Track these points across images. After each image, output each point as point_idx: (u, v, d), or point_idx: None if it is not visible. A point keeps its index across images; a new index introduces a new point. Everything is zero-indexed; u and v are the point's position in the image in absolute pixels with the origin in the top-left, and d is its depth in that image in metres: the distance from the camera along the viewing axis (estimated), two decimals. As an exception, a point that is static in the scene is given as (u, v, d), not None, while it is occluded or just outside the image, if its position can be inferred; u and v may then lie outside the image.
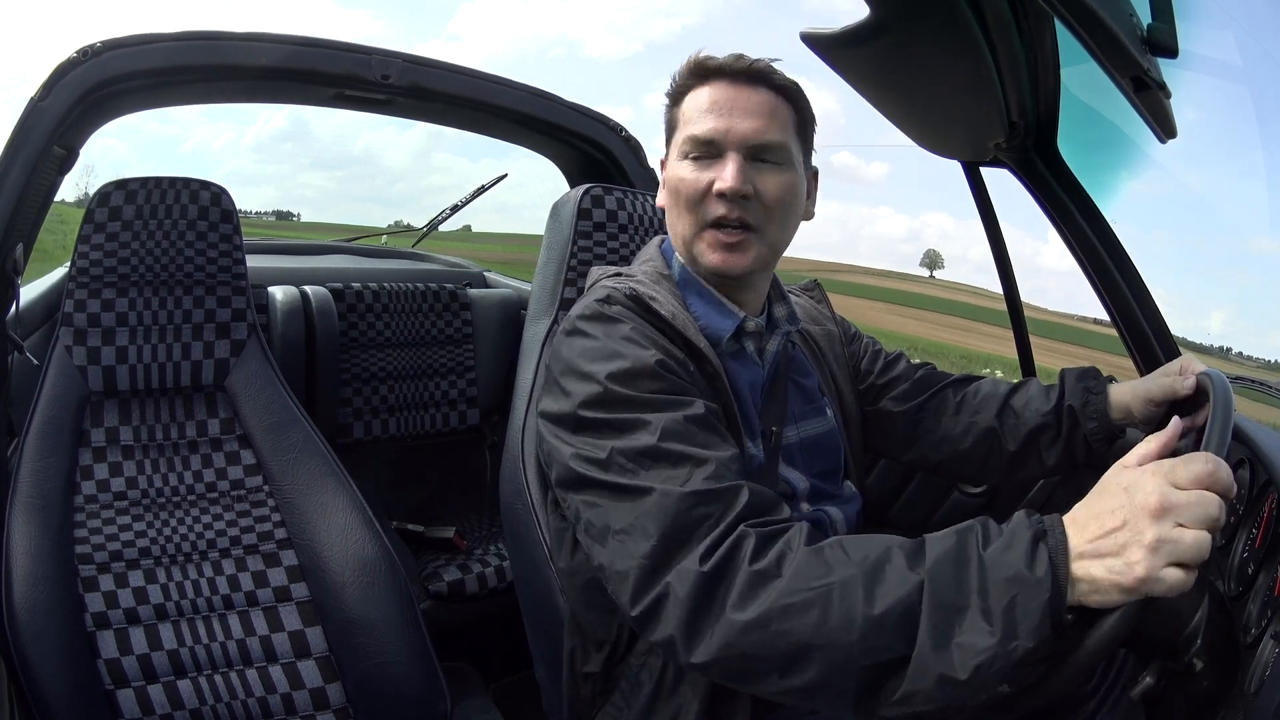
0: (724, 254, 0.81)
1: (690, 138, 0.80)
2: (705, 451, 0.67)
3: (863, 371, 1.04)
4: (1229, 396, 0.72)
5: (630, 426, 0.69)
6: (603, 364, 0.72)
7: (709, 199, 0.80)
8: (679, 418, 0.68)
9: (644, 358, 0.72)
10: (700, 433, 0.69)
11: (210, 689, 0.98)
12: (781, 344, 0.90)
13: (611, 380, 0.71)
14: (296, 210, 40.55)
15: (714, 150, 0.80)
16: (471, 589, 1.51)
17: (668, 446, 0.67)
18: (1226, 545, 0.81)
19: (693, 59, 0.83)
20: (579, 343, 0.76)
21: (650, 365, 0.72)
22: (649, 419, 0.68)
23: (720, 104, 0.80)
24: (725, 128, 0.79)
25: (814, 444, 0.91)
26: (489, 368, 1.85)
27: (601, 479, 0.68)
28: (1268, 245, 16.80)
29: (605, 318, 0.77)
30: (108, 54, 1.11)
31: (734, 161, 0.78)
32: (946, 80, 0.97)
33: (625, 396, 0.70)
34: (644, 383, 0.71)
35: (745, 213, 0.80)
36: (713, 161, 0.80)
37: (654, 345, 0.74)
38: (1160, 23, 0.69)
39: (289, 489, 1.12)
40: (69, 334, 1.09)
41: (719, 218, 0.80)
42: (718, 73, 0.82)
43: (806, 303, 1.05)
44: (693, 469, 0.65)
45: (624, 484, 0.67)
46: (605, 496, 0.68)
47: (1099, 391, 0.92)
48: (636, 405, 0.70)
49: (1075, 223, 1.08)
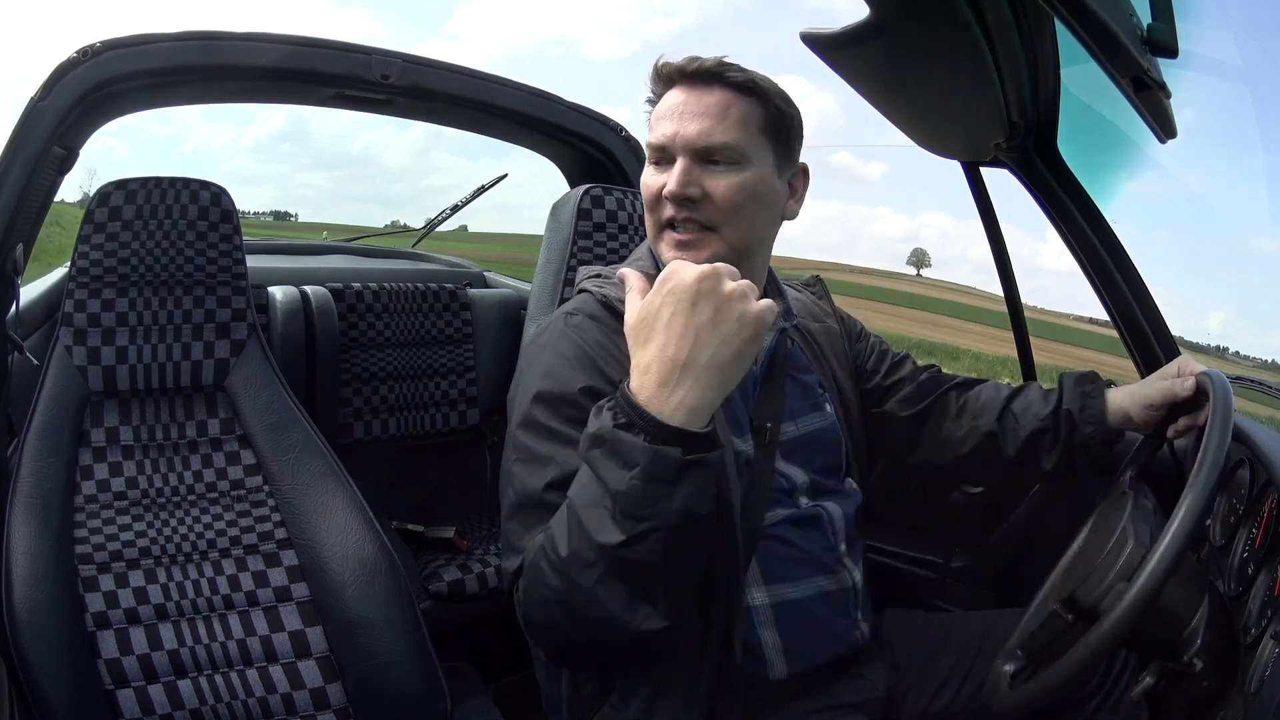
0: (679, 251, 0.83)
1: (648, 144, 0.84)
2: None
3: (868, 372, 1.04)
4: (1228, 396, 0.72)
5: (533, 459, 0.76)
6: (540, 382, 0.78)
7: (662, 202, 0.82)
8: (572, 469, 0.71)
9: (568, 381, 0.76)
10: None
11: (210, 689, 0.98)
12: (776, 339, 0.90)
13: (540, 402, 0.77)
14: (294, 210, 40.67)
15: (667, 155, 0.82)
16: (471, 589, 1.51)
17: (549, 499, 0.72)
18: (1226, 545, 0.81)
19: (654, 65, 0.85)
20: (533, 354, 0.83)
21: (573, 393, 0.76)
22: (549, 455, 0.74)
23: (673, 109, 0.82)
24: (673, 132, 0.81)
25: (814, 440, 0.91)
26: (489, 368, 1.85)
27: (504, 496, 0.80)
28: (1267, 245, 16.80)
29: (559, 331, 0.82)
30: (108, 54, 1.11)
31: (679, 165, 0.80)
32: (946, 80, 0.97)
33: (541, 425, 0.76)
34: (561, 409, 0.76)
35: (695, 214, 0.81)
36: (668, 166, 0.82)
37: (589, 369, 0.78)
38: (1160, 23, 0.69)
39: (289, 489, 1.12)
40: (69, 334, 1.09)
41: (669, 219, 0.82)
42: (673, 77, 0.84)
43: (807, 298, 1.04)
44: None
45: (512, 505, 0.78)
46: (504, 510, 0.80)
47: (1096, 396, 0.92)
48: (550, 438, 0.75)
49: (1075, 223, 1.08)
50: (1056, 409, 0.94)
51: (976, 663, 0.92)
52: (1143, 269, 1.08)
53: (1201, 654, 0.66)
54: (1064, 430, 0.93)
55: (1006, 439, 0.97)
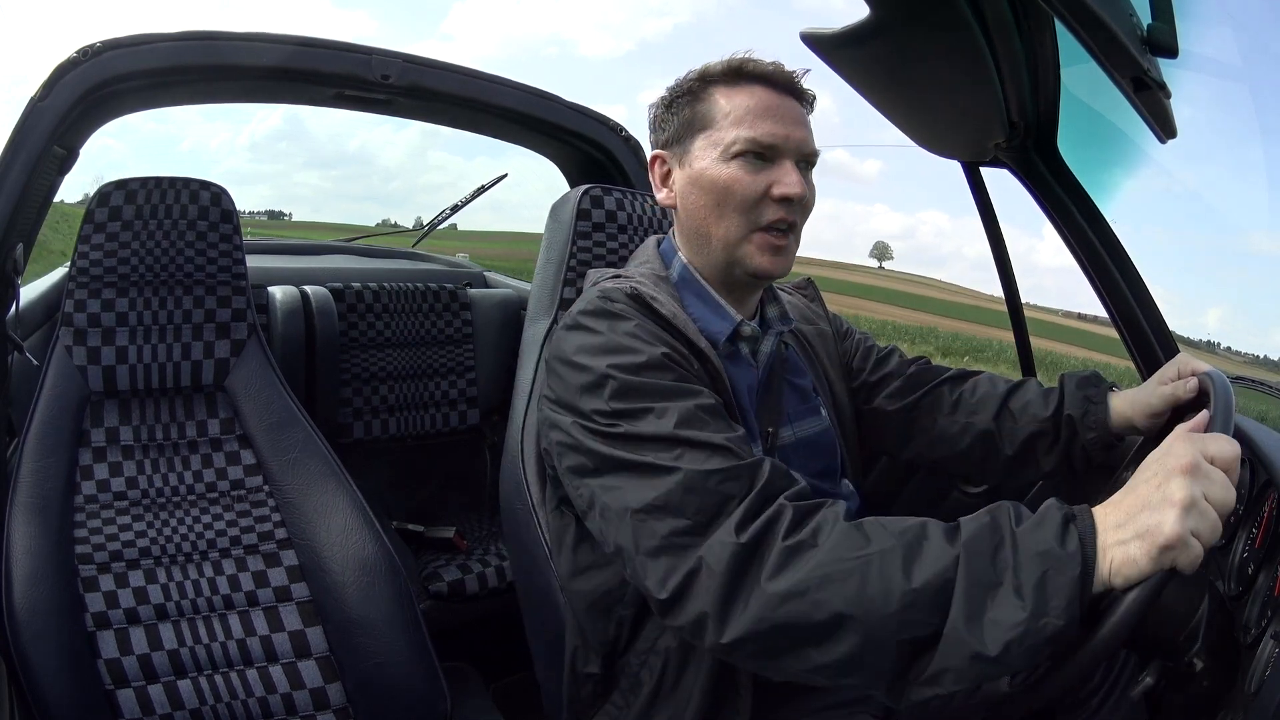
0: (773, 257, 0.81)
1: (749, 139, 0.79)
2: (721, 436, 0.67)
3: (855, 369, 1.03)
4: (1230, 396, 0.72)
5: (645, 415, 0.69)
6: (609, 357, 0.72)
7: (764, 202, 0.80)
8: (691, 406, 0.69)
9: (651, 351, 0.72)
10: (713, 420, 0.69)
11: (210, 689, 0.99)
12: (775, 344, 0.90)
13: (621, 371, 0.71)
14: (288, 210, 40.84)
15: (771, 154, 0.80)
16: (471, 589, 1.51)
17: (684, 433, 0.67)
18: (1226, 545, 0.81)
19: (735, 59, 0.83)
20: (581, 337, 0.76)
21: (657, 357, 0.72)
22: (662, 406, 0.69)
23: (773, 110, 0.80)
24: (785, 134, 0.80)
25: (810, 443, 0.91)
26: (489, 368, 1.85)
27: (619, 458, 0.68)
28: (1265, 244, 16.79)
29: (608, 314, 0.77)
30: (107, 54, 1.11)
31: (795, 168, 0.80)
32: (947, 80, 0.97)
33: (637, 385, 0.70)
34: (652, 374, 0.71)
35: (797, 217, 0.82)
36: (766, 165, 0.80)
37: (658, 341, 0.74)
38: (1160, 23, 0.69)
39: (289, 489, 1.12)
40: (69, 334, 1.09)
41: (775, 221, 0.80)
42: (762, 78, 0.82)
43: (799, 301, 1.04)
44: (711, 451, 0.66)
45: (644, 462, 0.67)
46: (623, 478, 0.68)
47: (1099, 401, 0.91)
48: (647, 394, 0.70)
49: (1075, 223, 1.08)
50: (1057, 412, 0.93)
51: None
52: (1137, 266, 1.08)
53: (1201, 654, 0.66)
54: (1065, 434, 0.92)
55: (1004, 438, 0.96)
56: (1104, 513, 0.56)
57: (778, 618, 0.58)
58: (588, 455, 0.71)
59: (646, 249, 0.92)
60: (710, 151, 0.81)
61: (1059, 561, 0.53)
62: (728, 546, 0.60)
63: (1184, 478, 0.53)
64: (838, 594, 0.57)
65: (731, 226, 0.81)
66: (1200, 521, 0.52)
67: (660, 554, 0.64)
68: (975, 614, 0.54)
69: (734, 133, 0.80)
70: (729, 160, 0.80)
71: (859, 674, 0.59)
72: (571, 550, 0.83)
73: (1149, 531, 0.52)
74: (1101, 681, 0.86)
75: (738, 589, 0.60)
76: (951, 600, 0.55)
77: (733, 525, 0.61)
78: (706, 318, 0.84)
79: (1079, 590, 0.53)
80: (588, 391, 0.72)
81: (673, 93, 0.86)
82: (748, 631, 0.59)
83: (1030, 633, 0.53)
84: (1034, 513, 0.58)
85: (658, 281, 0.84)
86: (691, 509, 0.63)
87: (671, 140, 0.86)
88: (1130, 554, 0.53)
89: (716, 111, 0.82)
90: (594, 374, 0.72)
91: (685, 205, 0.84)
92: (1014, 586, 0.54)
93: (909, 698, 0.57)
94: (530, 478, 0.95)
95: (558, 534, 0.86)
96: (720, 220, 0.82)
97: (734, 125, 0.80)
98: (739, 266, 0.83)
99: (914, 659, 0.56)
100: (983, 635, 0.53)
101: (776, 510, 0.62)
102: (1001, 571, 0.55)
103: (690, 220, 0.84)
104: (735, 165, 0.80)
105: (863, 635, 0.56)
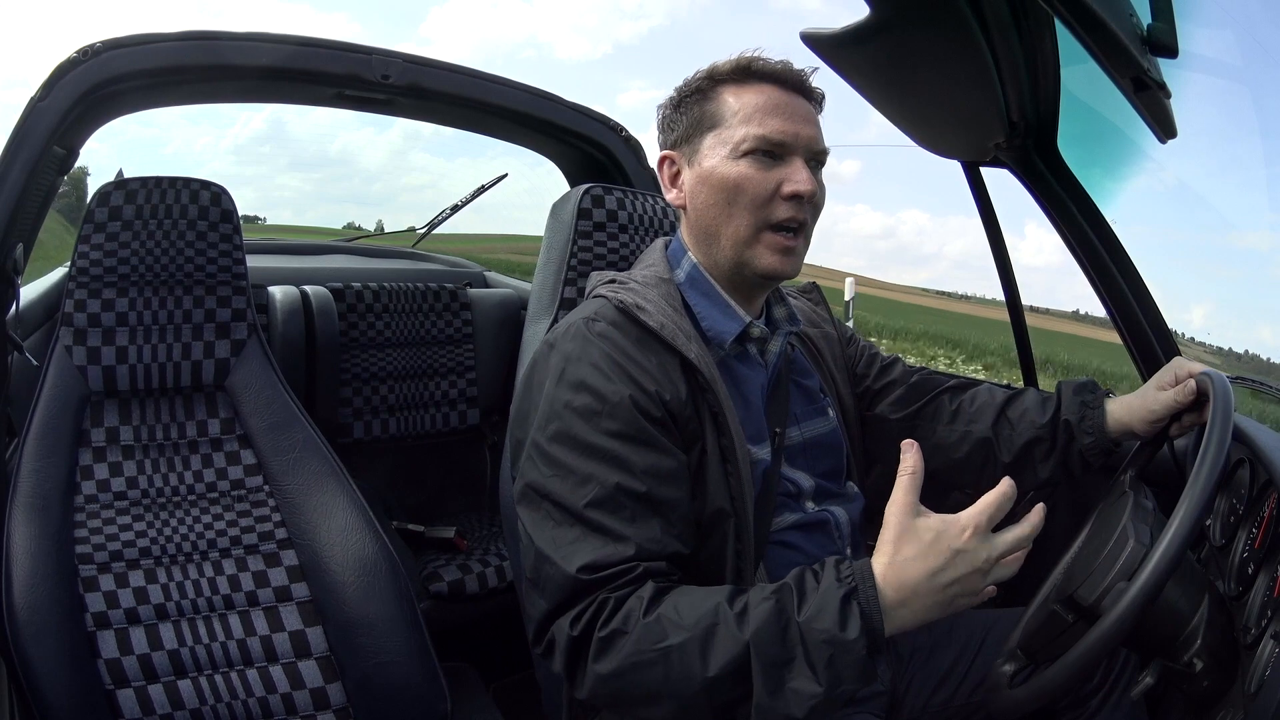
0: (782, 258, 0.81)
1: (758, 137, 0.79)
2: (621, 528, 0.70)
3: (859, 375, 1.04)
4: (1229, 396, 0.72)
5: (566, 474, 0.72)
6: (570, 394, 0.74)
7: (775, 200, 0.79)
8: (612, 485, 0.70)
9: (608, 394, 0.73)
10: (629, 505, 0.71)
11: (211, 689, 0.98)
12: (783, 345, 0.90)
13: (574, 413, 0.73)
14: (263, 214, 41.00)
15: (781, 151, 0.80)
16: (471, 589, 1.51)
17: (589, 514, 0.70)
18: (1226, 545, 0.81)
19: (744, 57, 0.82)
20: (554, 361, 0.78)
21: (623, 401, 0.73)
22: (585, 473, 0.71)
23: (782, 107, 0.80)
24: (795, 131, 0.79)
25: (817, 444, 0.91)
26: (489, 368, 1.85)
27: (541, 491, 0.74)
28: (1252, 240, 16.72)
29: (583, 338, 0.77)
30: (108, 54, 1.10)
31: (805, 166, 0.80)
32: (947, 80, 0.97)
33: (576, 436, 0.73)
34: (602, 423, 0.73)
35: (807, 215, 0.81)
36: (776, 163, 0.80)
37: (625, 378, 0.74)
38: (1160, 23, 0.69)
39: (289, 489, 1.12)
40: (69, 334, 1.09)
41: (786, 219, 0.80)
42: (771, 77, 0.81)
43: (804, 305, 1.04)
44: (603, 542, 0.70)
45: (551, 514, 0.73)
46: (533, 524, 0.74)
47: (1096, 407, 0.91)
48: (582, 450, 0.72)
49: (1075, 223, 1.08)
50: (1054, 418, 0.93)
51: (978, 659, 0.92)
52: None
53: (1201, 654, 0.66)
54: (1061, 439, 0.93)
55: (1002, 445, 0.96)
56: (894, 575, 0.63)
57: (608, 690, 0.67)
58: (521, 482, 0.76)
59: (654, 251, 0.91)
60: (720, 150, 0.81)
61: (843, 646, 0.60)
62: (564, 635, 0.69)
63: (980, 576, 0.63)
64: (648, 677, 0.65)
65: (741, 225, 0.81)
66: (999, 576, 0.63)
67: (533, 620, 0.73)
68: (776, 687, 0.61)
69: (743, 130, 0.79)
70: (739, 158, 0.79)
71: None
72: None
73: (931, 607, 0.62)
74: (1101, 681, 0.86)
75: (575, 666, 0.69)
76: (751, 677, 0.61)
77: (571, 618, 0.69)
78: (714, 317, 0.84)
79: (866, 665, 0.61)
80: (540, 418, 0.75)
81: (681, 92, 0.85)
82: (589, 695, 0.69)
83: (829, 700, 0.60)
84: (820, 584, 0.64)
85: (657, 284, 0.84)
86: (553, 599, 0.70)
87: (680, 140, 0.85)
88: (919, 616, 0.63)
89: (725, 110, 0.81)
90: (551, 407, 0.75)
91: (695, 204, 0.84)
92: (806, 663, 0.61)
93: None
94: (530, 478, 0.95)
95: None
96: (730, 219, 0.81)
97: (743, 123, 0.80)
98: (748, 267, 0.82)
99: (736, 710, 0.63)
100: (788, 702, 0.60)
101: (600, 602, 0.68)
102: (792, 648, 0.61)
103: (700, 220, 0.84)
104: (745, 163, 0.79)
105: (677, 706, 0.65)
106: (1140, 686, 0.68)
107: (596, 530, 0.70)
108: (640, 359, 0.75)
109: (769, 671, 0.61)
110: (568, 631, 0.68)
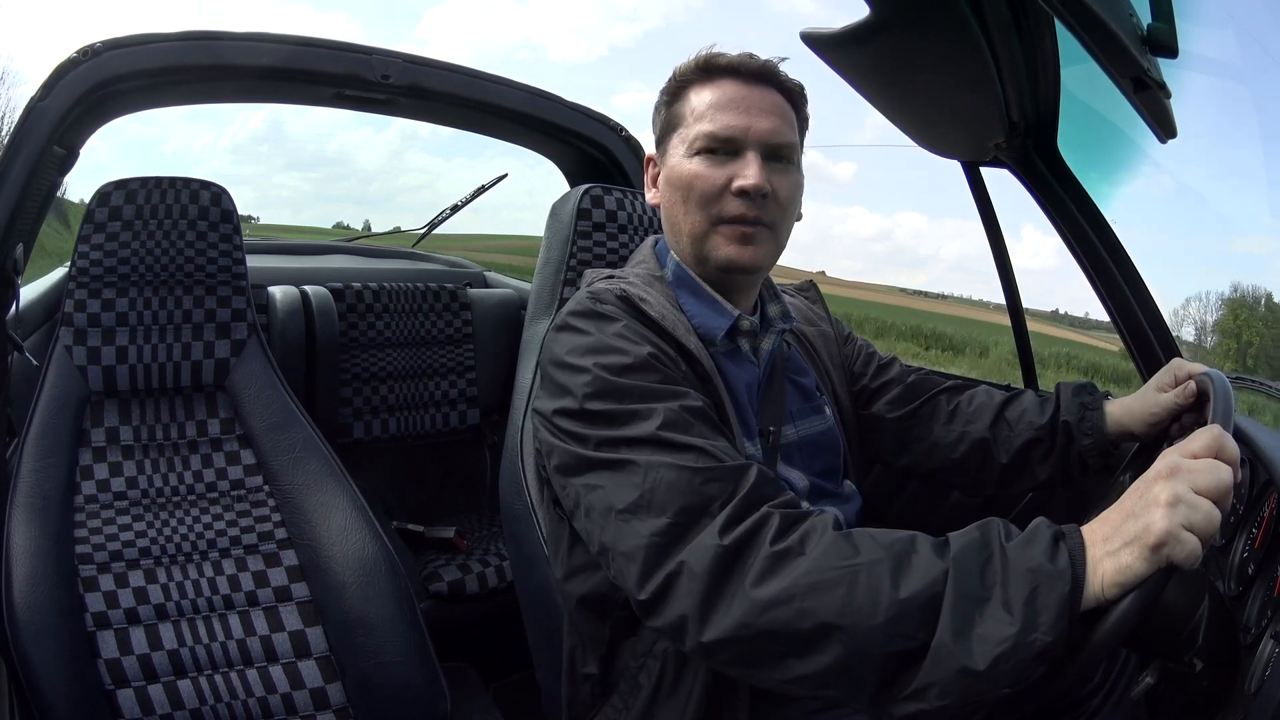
0: (738, 246, 0.81)
1: (707, 134, 0.79)
2: (704, 440, 0.67)
3: (856, 374, 1.03)
4: (1229, 396, 0.72)
5: (629, 416, 0.68)
6: (596, 356, 0.72)
7: (725, 196, 0.80)
8: (675, 407, 0.68)
9: (637, 352, 0.72)
10: (697, 422, 0.69)
11: (210, 689, 0.98)
12: (776, 342, 0.90)
13: (607, 372, 0.71)
14: (256, 214, 40.94)
15: (732, 148, 0.80)
16: (471, 589, 1.51)
17: (667, 435, 0.66)
18: (1226, 545, 0.81)
19: (701, 55, 0.82)
20: (570, 338, 0.76)
21: (644, 358, 0.72)
22: (646, 408, 0.68)
23: (737, 102, 0.80)
24: (746, 125, 0.79)
25: (813, 442, 0.91)
26: (489, 368, 1.85)
27: (603, 458, 0.68)
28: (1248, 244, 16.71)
29: (597, 315, 0.77)
30: (108, 54, 1.11)
31: (755, 160, 0.79)
32: (947, 80, 0.97)
33: (622, 386, 0.70)
34: (639, 375, 0.71)
35: (761, 211, 0.80)
36: (729, 159, 0.80)
37: (646, 341, 0.74)
38: (1160, 23, 0.69)
39: (289, 489, 1.12)
40: (69, 334, 1.09)
41: (735, 215, 0.79)
42: (729, 71, 0.81)
43: (801, 303, 1.04)
44: (695, 454, 0.66)
45: (627, 462, 0.66)
46: (607, 477, 0.67)
47: (1095, 408, 0.91)
48: (634, 395, 0.69)
49: (1075, 223, 1.08)
50: (1053, 419, 0.93)
51: None
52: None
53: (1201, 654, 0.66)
54: (1060, 441, 0.92)
55: (999, 447, 0.95)
56: (1092, 528, 0.56)
57: (761, 624, 0.57)
58: (573, 454, 0.70)
59: (644, 250, 0.92)
60: (679, 149, 0.82)
61: (1048, 578, 0.53)
62: (710, 549, 0.60)
63: (1165, 480, 0.53)
64: (824, 603, 0.56)
65: (695, 221, 0.82)
66: (1191, 513, 0.52)
67: (641, 554, 0.63)
68: (964, 628, 0.53)
69: (697, 128, 0.81)
70: (692, 156, 0.81)
71: (842, 685, 0.58)
72: (566, 551, 0.83)
73: (1138, 536, 0.52)
74: (1101, 681, 0.86)
75: (720, 592, 0.59)
76: (940, 613, 0.54)
77: (716, 528, 0.60)
78: (704, 314, 0.84)
79: (1068, 607, 0.53)
80: (575, 391, 0.72)
81: (660, 95, 0.87)
82: (729, 635, 0.59)
83: (1019, 648, 0.52)
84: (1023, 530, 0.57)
85: (651, 281, 0.84)
86: (673, 510, 0.63)
87: (657, 141, 0.87)
88: (1123, 561, 0.53)
89: (687, 109, 0.82)
90: (581, 374, 0.72)
91: (663, 203, 0.86)
92: (1003, 601, 0.53)
93: (892, 712, 0.57)
94: (529, 478, 0.95)
95: (554, 535, 0.86)
96: (686, 215, 0.82)
97: (697, 120, 0.81)
98: (709, 260, 0.83)
99: (899, 672, 0.55)
100: (971, 649, 0.53)
101: (763, 516, 0.61)
102: (990, 586, 0.54)
103: (667, 218, 0.86)
104: (697, 161, 0.80)
105: (848, 646, 0.56)
106: (1140, 686, 0.68)
107: (683, 449, 0.65)
108: (648, 334, 0.76)
109: (961, 606, 0.54)
110: (716, 542, 0.59)
